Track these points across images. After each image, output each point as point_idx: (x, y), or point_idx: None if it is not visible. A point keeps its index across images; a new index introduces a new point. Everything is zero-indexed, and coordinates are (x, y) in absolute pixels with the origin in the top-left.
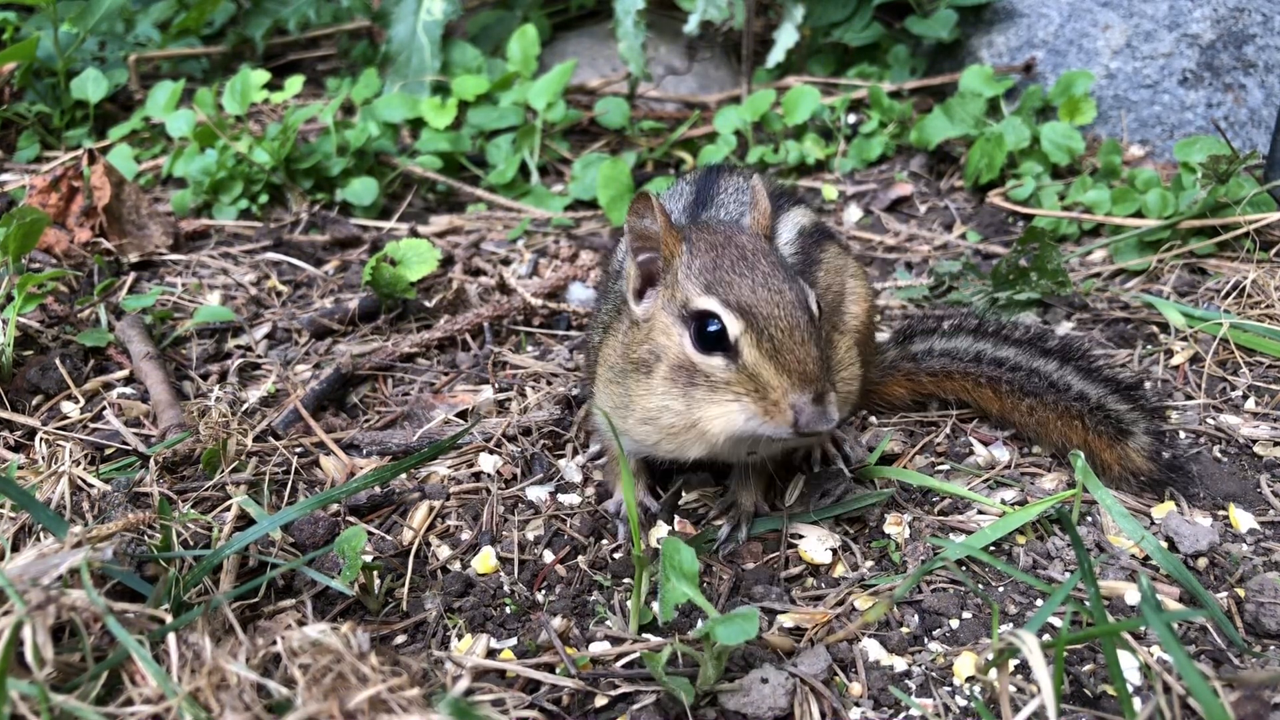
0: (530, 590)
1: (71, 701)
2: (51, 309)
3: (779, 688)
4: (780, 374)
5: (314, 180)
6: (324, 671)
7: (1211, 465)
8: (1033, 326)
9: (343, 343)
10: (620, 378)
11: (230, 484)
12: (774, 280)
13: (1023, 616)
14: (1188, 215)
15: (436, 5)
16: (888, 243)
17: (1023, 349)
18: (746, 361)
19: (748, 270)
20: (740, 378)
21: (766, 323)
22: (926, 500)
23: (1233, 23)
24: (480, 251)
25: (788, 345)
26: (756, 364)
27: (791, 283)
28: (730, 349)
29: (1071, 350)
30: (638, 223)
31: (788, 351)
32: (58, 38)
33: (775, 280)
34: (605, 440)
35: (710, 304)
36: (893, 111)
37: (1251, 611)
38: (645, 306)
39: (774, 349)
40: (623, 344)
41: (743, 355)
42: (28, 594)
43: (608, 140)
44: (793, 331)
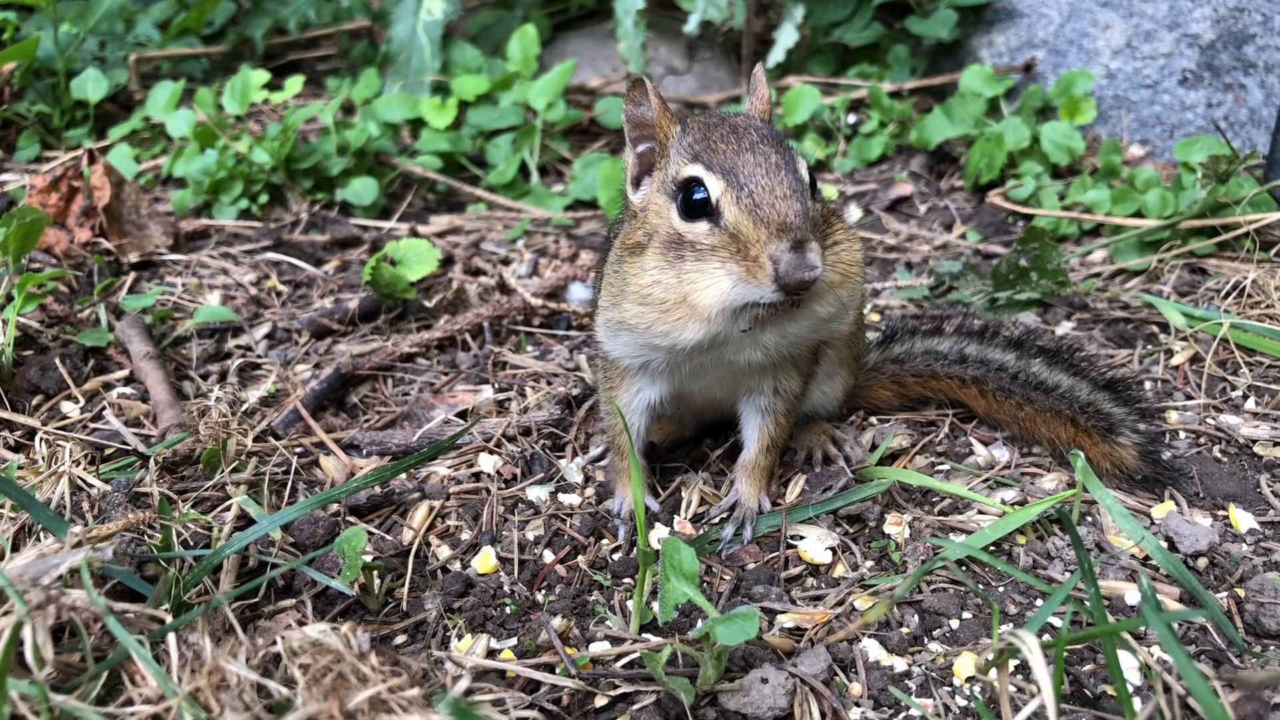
0: (530, 590)
1: (71, 701)
2: (51, 309)
3: (779, 688)
4: (758, 226)
5: (314, 180)
6: (324, 671)
7: (1211, 465)
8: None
9: (343, 343)
10: (617, 267)
11: (230, 484)
12: (761, 146)
13: (1023, 616)
14: (1188, 215)
15: (436, 5)
16: (888, 243)
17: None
18: (727, 221)
19: (735, 139)
20: (724, 240)
21: (747, 179)
22: (926, 500)
23: (1233, 23)
24: (480, 251)
25: (767, 200)
26: (736, 221)
27: (780, 149)
28: (713, 212)
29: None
30: (634, 111)
31: (767, 205)
32: (58, 38)
33: (763, 146)
34: (610, 438)
35: (695, 170)
36: (893, 111)
37: (1251, 611)
38: (642, 194)
39: (753, 203)
40: (621, 241)
41: (724, 215)
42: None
43: (608, 140)
44: (774, 188)
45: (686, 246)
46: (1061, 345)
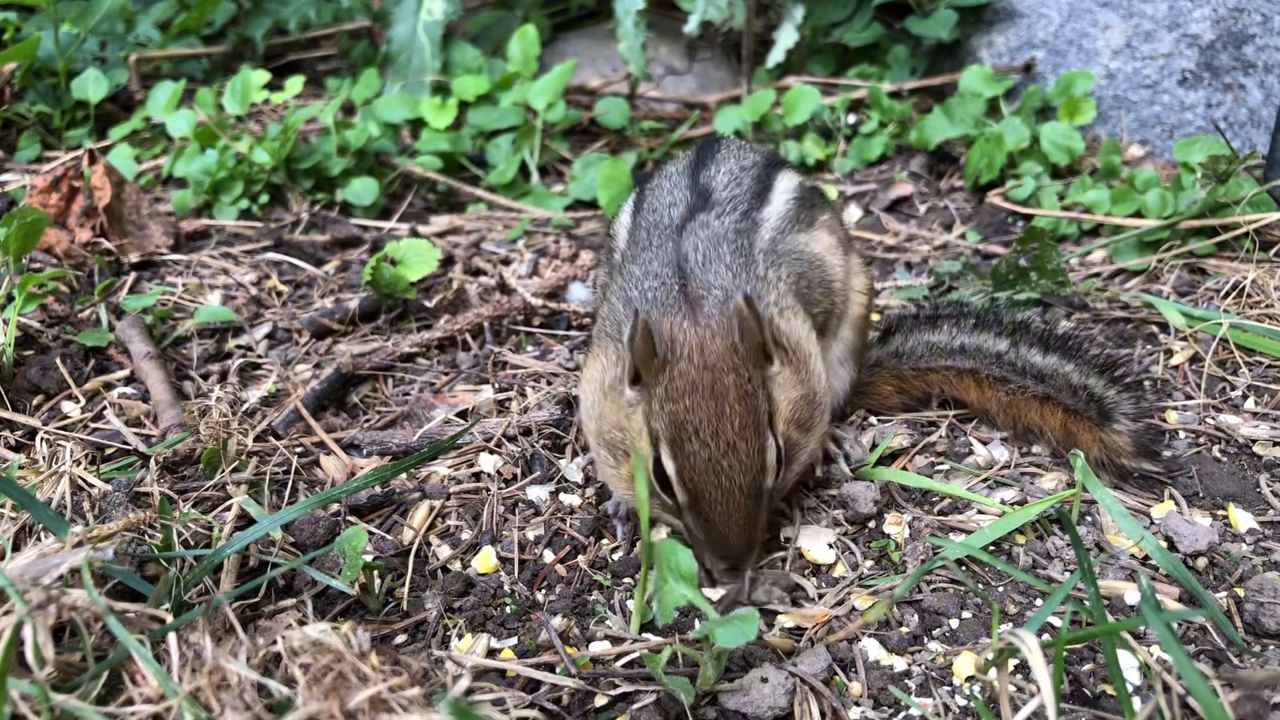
0: (530, 590)
1: (72, 701)
2: (52, 309)
3: (779, 687)
4: (705, 546)
5: (314, 180)
6: (324, 671)
7: (1211, 465)
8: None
9: (343, 343)
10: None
11: (231, 484)
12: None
13: (1022, 616)
14: (1187, 215)
15: (437, 5)
16: (888, 243)
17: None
18: (689, 523)
19: (712, 439)
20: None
21: (708, 505)
22: (926, 500)
23: (1232, 23)
24: (480, 251)
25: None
26: (694, 527)
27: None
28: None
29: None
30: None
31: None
32: (58, 38)
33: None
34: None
35: (669, 466)
36: (893, 111)
37: (1251, 611)
38: (634, 395)
39: (706, 524)
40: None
41: (686, 517)
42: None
43: (608, 140)
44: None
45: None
46: (1053, 330)
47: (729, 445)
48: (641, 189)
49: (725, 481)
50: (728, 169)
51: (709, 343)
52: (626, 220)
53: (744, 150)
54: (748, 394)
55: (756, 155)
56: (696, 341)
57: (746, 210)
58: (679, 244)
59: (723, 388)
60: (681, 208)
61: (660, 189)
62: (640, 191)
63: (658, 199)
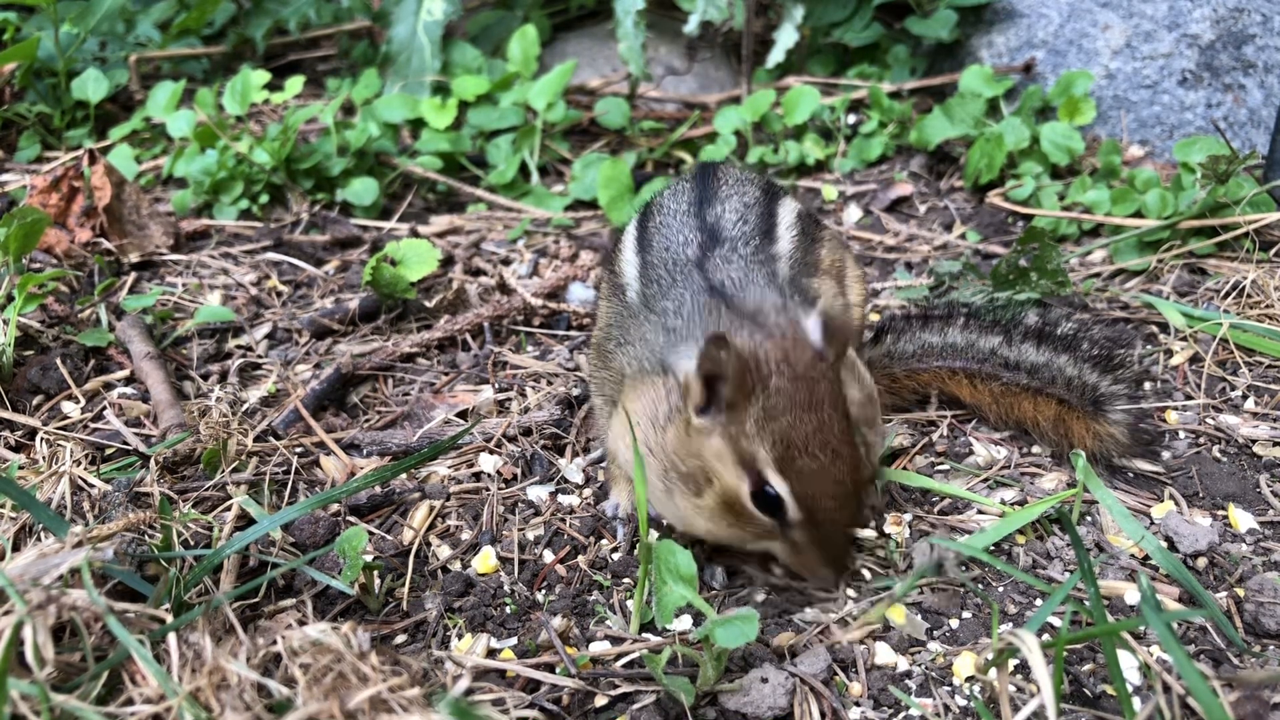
0: (530, 590)
1: (72, 701)
2: (52, 309)
3: (779, 687)
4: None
5: (314, 180)
6: (324, 671)
7: (1211, 465)
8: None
9: (343, 343)
10: (664, 476)
11: (231, 484)
12: (841, 462)
13: (1022, 616)
14: (1187, 215)
15: (437, 5)
16: (888, 243)
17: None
18: (796, 540)
19: (821, 451)
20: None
21: (822, 515)
22: (926, 500)
23: (1232, 23)
24: (480, 251)
25: (833, 539)
26: (804, 544)
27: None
28: (785, 522)
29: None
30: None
31: (832, 544)
32: (58, 38)
33: (842, 462)
34: (608, 445)
35: (780, 487)
36: (893, 112)
37: (1251, 611)
38: (705, 423)
39: (822, 539)
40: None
41: (793, 534)
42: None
43: (608, 140)
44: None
45: (748, 517)
46: (1044, 325)
47: (835, 453)
48: (643, 227)
49: (837, 490)
50: (732, 206)
51: (793, 353)
52: (633, 259)
53: (743, 184)
54: (840, 399)
55: (755, 189)
56: (780, 354)
57: (759, 245)
58: (707, 276)
59: (819, 397)
60: (694, 246)
61: (667, 227)
62: (642, 230)
63: (667, 237)
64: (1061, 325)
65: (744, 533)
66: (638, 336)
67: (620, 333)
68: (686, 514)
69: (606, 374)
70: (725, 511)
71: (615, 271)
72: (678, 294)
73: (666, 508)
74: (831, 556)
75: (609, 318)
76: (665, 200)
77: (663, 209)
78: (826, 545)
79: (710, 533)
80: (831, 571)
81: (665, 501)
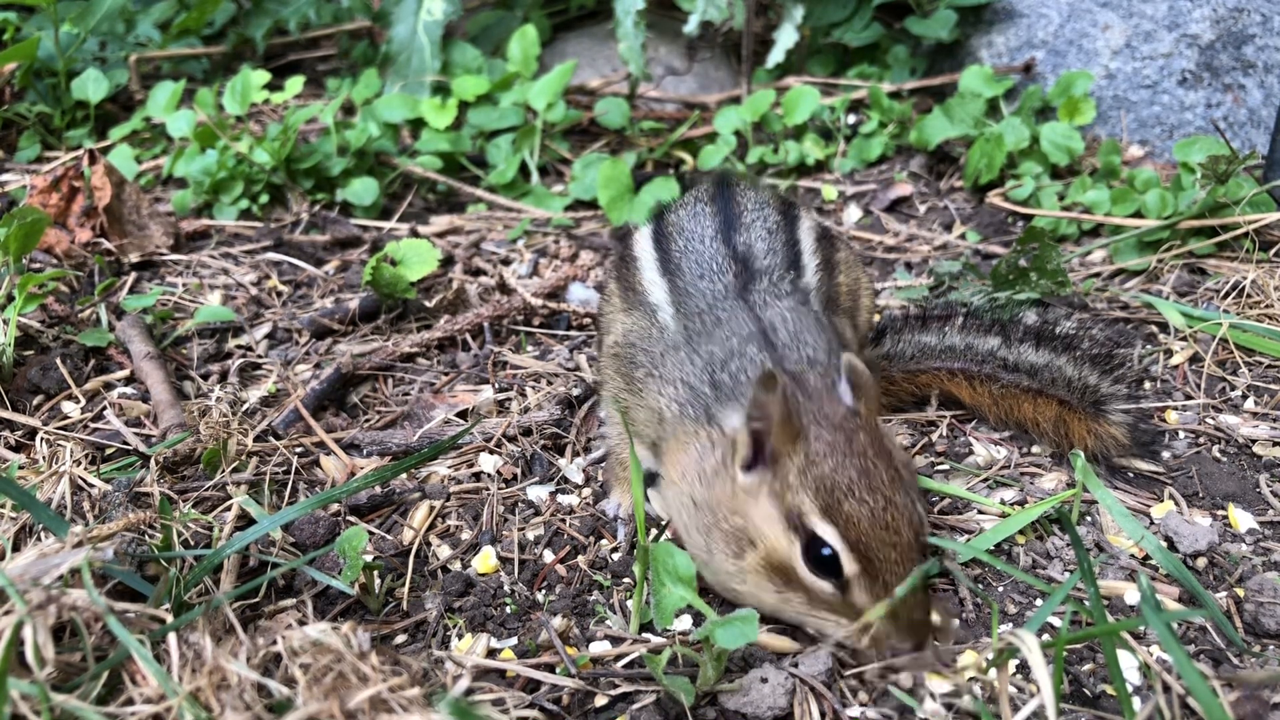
0: (530, 590)
1: (72, 701)
2: (52, 309)
3: (779, 688)
4: (890, 624)
5: (314, 180)
6: (324, 671)
7: (1211, 465)
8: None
9: (343, 343)
10: (707, 534)
11: (231, 484)
12: (893, 509)
13: (1022, 616)
14: (1187, 215)
15: (437, 5)
16: (887, 243)
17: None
18: (857, 601)
19: (869, 495)
20: (846, 606)
21: (882, 568)
22: (926, 500)
23: (1232, 23)
24: (480, 251)
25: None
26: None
27: (910, 510)
28: (842, 581)
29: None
30: (760, 395)
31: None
32: (58, 38)
33: (895, 510)
34: (611, 444)
35: (828, 534)
36: (892, 112)
37: (1251, 611)
38: (751, 481)
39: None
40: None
41: (853, 594)
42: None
43: (608, 140)
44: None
45: (798, 584)
46: (1043, 326)
47: (887, 500)
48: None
49: (894, 538)
50: (758, 234)
51: (829, 408)
52: (658, 280)
53: (763, 206)
54: (883, 449)
55: (775, 213)
56: (817, 409)
57: (793, 279)
58: (756, 317)
59: (860, 445)
60: (730, 276)
61: (695, 253)
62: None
63: (698, 265)
64: (1061, 325)
65: (795, 604)
66: (678, 376)
67: (652, 361)
68: (725, 577)
69: (632, 398)
70: (771, 577)
71: (635, 289)
72: (723, 337)
73: (707, 568)
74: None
75: (631, 331)
76: (684, 222)
77: (684, 232)
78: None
79: (755, 601)
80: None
81: (706, 561)
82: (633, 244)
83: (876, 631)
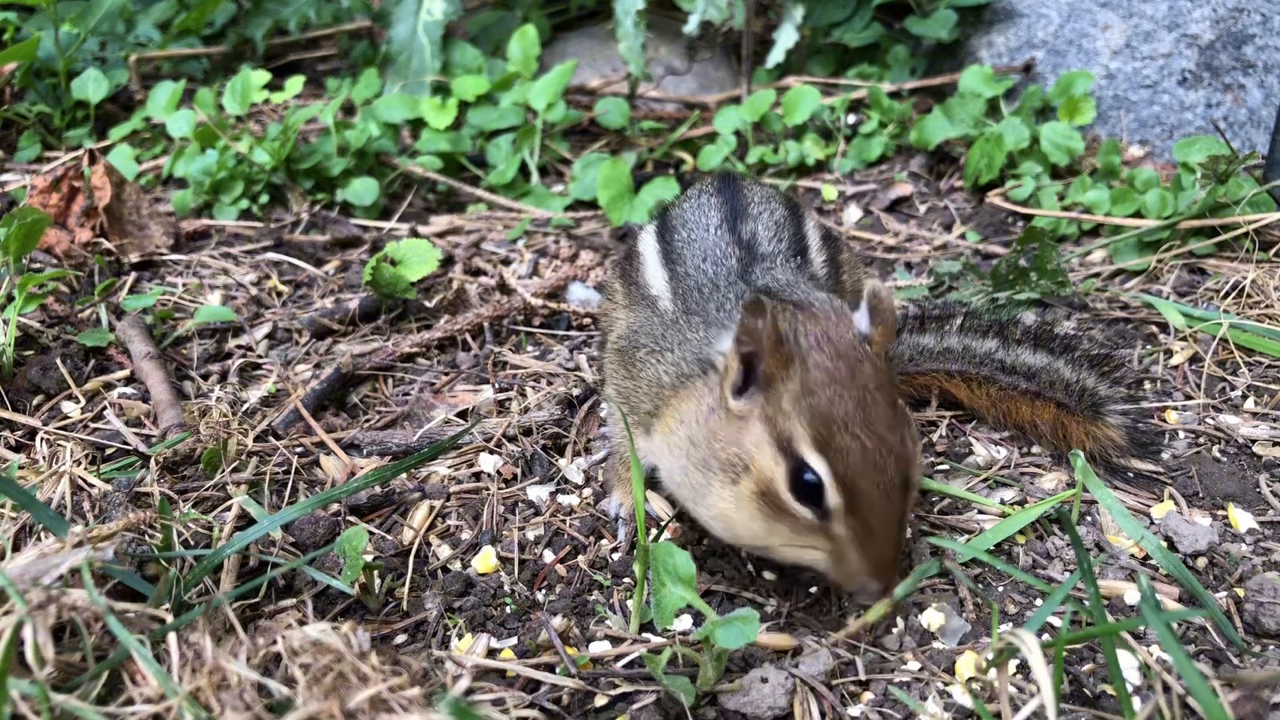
0: (530, 590)
1: (72, 701)
2: (52, 309)
3: (779, 687)
4: (862, 558)
5: (314, 180)
6: (324, 671)
7: (1211, 465)
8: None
9: (343, 343)
10: (703, 467)
11: (231, 484)
12: (884, 447)
13: (1022, 616)
14: (1187, 215)
15: (437, 5)
16: (887, 243)
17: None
18: (835, 532)
19: (862, 429)
20: (824, 535)
21: (865, 503)
22: (926, 500)
23: (1232, 23)
24: (480, 251)
25: (878, 534)
26: (844, 539)
27: (899, 448)
28: (824, 511)
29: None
30: (749, 321)
31: (877, 541)
32: (58, 38)
33: (885, 447)
34: (614, 444)
35: (817, 464)
36: (892, 112)
37: (1251, 611)
38: (742, 405)
39: (865, 533)
40: (708, 424)
41: (833, 525)
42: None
43: (608, 140)
44: (886, 518)
45: (786, 512)
46: (1041, 328)
47: (880, 438)
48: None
49: (881, 478)
50: (764, 224)
51: (834, 332)
52: (660, 271)
53: (769, 200)
54: (885, 383)
55: (781, 207)
56: (821, 332)
57: (799, 264)
58: (753, 284)
59: (863, 376)
60: (734, 260)
61: (700, 242)
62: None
63: (702, 251)
64: (1059, 327)
65: (782, 532)
66: (676, 341)
67: (652, 340)
68: (723, 507)
69: (633, 383)
70: (762, 504)
71: (638, 283)
72: (720, 297)
73: (702, 505)
74: (877, 562)
75: (634, 325)
76: (689, 214)
77: (688, 223)
78: (871, 547)
79: (748, 530)
80: (876, 581)
81: (702, 495)
82: (638, 241)
83: (848, 563)
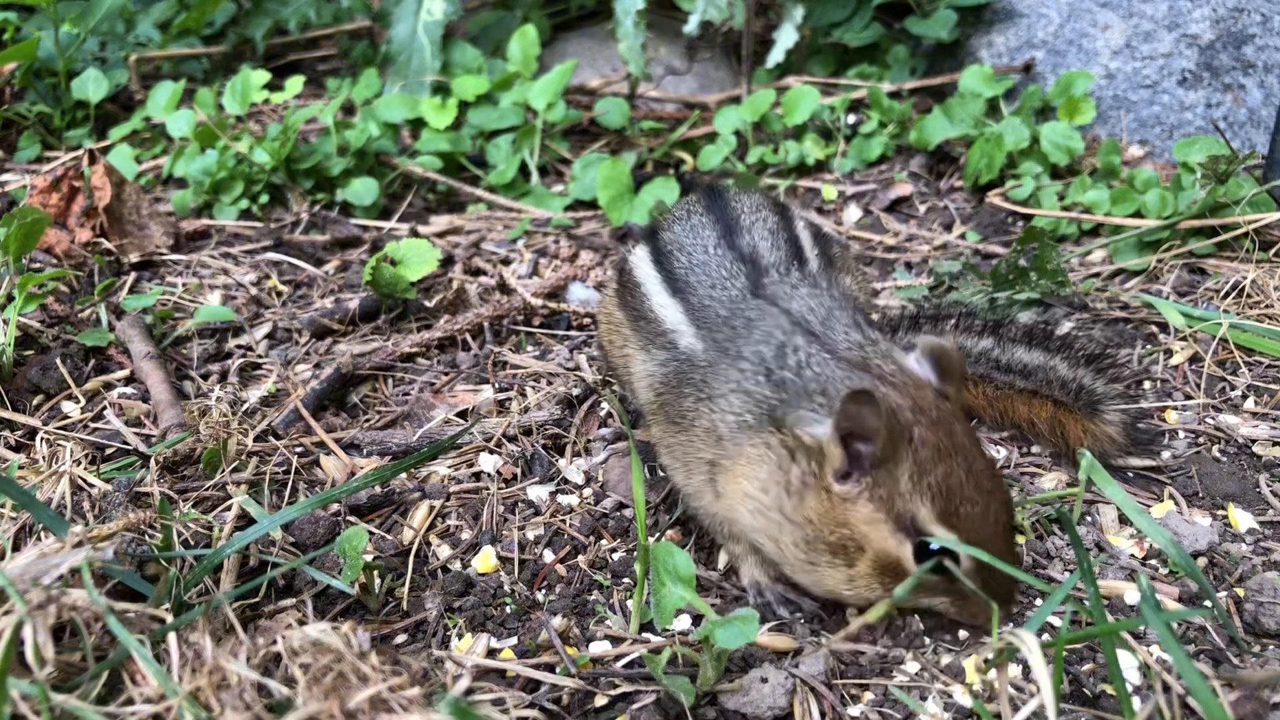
0: (530, 590)
1: (72, 701)
2: (52, 309)
3: (779, 687)
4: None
5: (314, 180)
6: (324, 671)
7: (1211, 465)
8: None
9: (343, 343)
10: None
11: (231, 483)
12: (995, 500)
13: (1022, 616)
14: (1187, 215)
15: (437, 5)
16: (887, 243)
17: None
18: (964, 588)
19: (975, 492)
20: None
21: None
22: None
23: (1232, 23)
24: (480, 251)
25: (1002, 577)
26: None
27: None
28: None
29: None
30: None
31: (1001, 582)
32: (58, 38)
33: (997, 500)
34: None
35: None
36: (892, 112)
37: (1251, 611)
38: (849, 489)
39: (991, 577)
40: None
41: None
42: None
43: (608, 140)
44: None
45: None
46: (1040, 324)
47: (989, 492)
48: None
49: (999, 527)
50: (759, 234)
51: (922, 399)
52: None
53: (758, 209)
54: (973, 433)
55: (771, 214)
56: (910, 402)
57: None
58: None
59: (959, 437)
60: (742, 278)
61: (703, 266)
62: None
63: (705, 274)
64: (1056, 326)
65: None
66: (727, 388)
67: (697, 388)
68: (837, 586)
69: (686, 436)
70: (882, 577)
71: (647, 318)
72: (763, 335)
73: (810, 578)
74: (1005, 597)
75: (663, 376)
76: (683, 238)
77: (684, 248)
78: (997, 586)
79: (862, 599)
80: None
81: (809, 571)
82: (632, 269)
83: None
